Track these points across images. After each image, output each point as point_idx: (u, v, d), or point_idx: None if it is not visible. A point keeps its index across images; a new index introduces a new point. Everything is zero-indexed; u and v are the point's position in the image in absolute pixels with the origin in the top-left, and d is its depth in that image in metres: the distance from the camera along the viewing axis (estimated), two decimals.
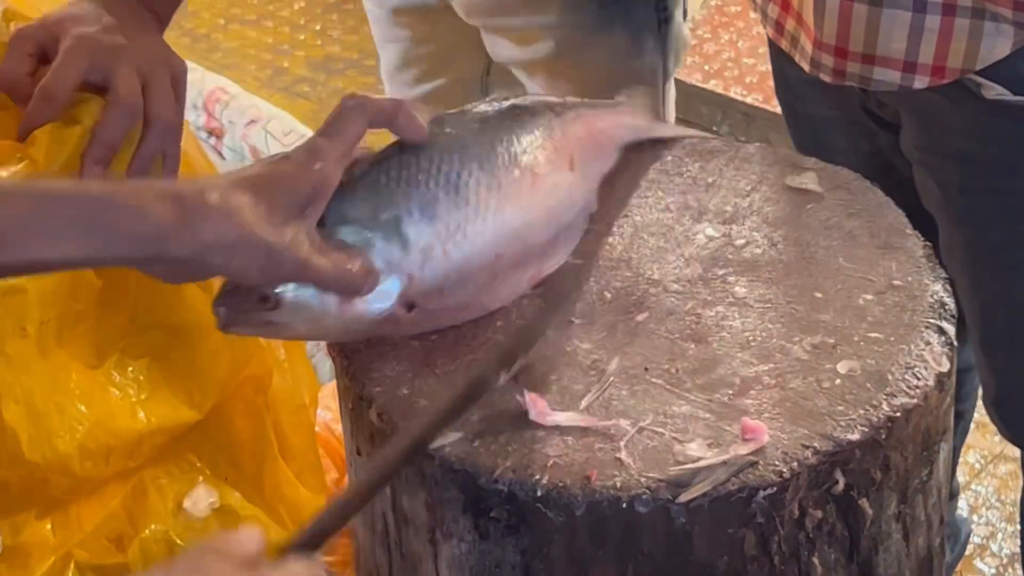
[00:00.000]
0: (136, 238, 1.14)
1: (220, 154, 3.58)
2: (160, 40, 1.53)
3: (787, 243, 1.37)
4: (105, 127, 1.43)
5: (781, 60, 1.91)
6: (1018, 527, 2.73)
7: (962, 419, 2.32)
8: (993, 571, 2.69)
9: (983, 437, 2.90)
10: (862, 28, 1.67)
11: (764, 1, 1.82)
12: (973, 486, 2.85)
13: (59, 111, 1.44)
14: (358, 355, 1.28)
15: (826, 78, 1.74)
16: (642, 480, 1.14)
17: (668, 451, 1.16)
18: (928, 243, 1.37)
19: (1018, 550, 2.72)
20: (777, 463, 1.14)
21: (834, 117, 1.90)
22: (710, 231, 1.39)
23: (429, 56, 2.30)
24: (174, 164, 1.48)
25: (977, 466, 2.88)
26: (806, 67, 1.76)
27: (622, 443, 1.17)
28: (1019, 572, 2.68)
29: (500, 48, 2.18)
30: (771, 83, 3.83)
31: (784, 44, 1.80)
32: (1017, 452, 2.90)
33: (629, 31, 2.08)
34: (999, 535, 2.76)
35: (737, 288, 1.32)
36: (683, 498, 1.12)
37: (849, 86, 1.77)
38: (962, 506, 2.73)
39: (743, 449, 1.14)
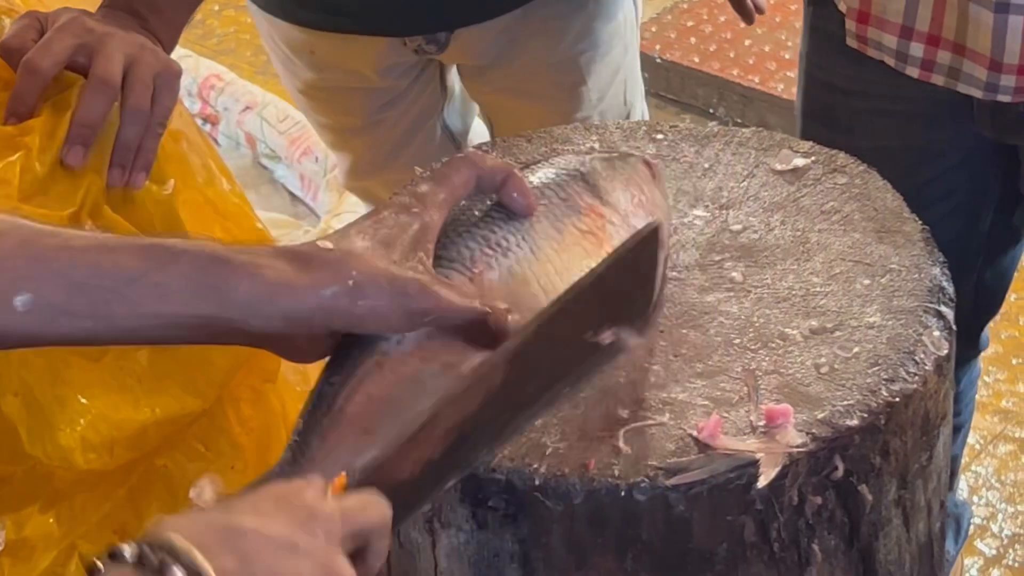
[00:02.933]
0: (252, 295, 1.09)
1: (216, 141, 3.58)
2: (157, 47, 1.53)
3: (784, 228, 1.37)
4: (81, 106, 1.43)
5: (845, 96, 1.95)
6: (1018, 507, 2.73)
7: (960, 430, 2.34)
8: (994, 552, 2.69)
9: (982, 418, 2.90)
10: None
11: (902, 43, 1.82)
12: (973, 467, 2.84)
13: (43, 85, 1.44)
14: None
15: (1005, 98, 1.78)
16: (640, 468, 1.13)
17: (667, 439, 1.16)
18: (926, 226, 1.36)
19: (1019, 530, 2.72)
20: None
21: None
22: (706, 216, 1.39)
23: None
24: (147, 159, 1.47)
25: (977, 447, 2.87)
26: (977, 93, 1.79)
27: (620, 431, 1.16)
28: (1019, 553, 2.68)
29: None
30: (768, 64, 3.84)
31: (937, 79, 1.82)
32: (1018, 432, 2.90)
33: None
34: (999, 516, 2.76)
35: (734, 273, 1.32)
36: (673, 481, 1.12)
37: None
38: (962, 487, 2.72)
39: (784, 437, 1.14)
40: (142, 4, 1.56)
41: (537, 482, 1.13)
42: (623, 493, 1.12)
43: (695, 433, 1.15)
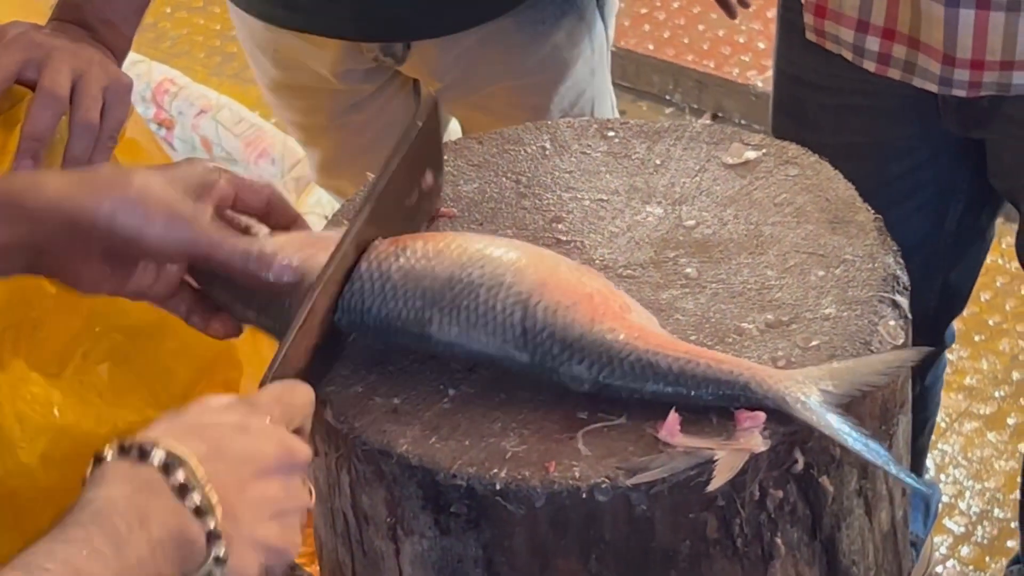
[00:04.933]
0: (37, 206, 1.16)
1: (171, 145, 3.56)
2: (107, 57, 1.52)
3: (737, 221, 1.37)
4: (28, 120, 1.43)
5: (814, 90, 1.96)
6: (985, 484, 2.75)
7: (927, 424, 2.37)
8: (962, 529, 2.70)
9: (947, 396, 2.91)
10: (999, 36, 1.71)
11: (859, 36, 1.82)
12: (939, 445, 2.85)
13: None
14: None
15: (960, 92, 1.78)
16: (601, 469, 1.13)
17: (626, 438, 1.16)
18: (879, 215, 1.36)
19: (986, 507, 2.73)
20: None
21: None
22: (659, 213, 1.39)
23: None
24: None
25: (943, 425, 2.88)
26: (932, 87, 1.79)
27: (580, 433, 1.16)
28: (987, 530, 2.69)
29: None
30: (723, 49, 3.83)
31: (894, 73, 1.82)
32: (982, 409, 2.92)
33: (576, 15, 2.08)
34: (967, 493, 2.77)
35: (689, 269, 1.32)
36: (634, 481, 1.12)
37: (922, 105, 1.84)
38: (929, 466, 2.73)
39: (746, 439, 1.14)
40: (91, 16, 1.56)
41: (498, 487, 1.13)
42: (584, 495, 1.13)
43: (654, 432, 1.15)
